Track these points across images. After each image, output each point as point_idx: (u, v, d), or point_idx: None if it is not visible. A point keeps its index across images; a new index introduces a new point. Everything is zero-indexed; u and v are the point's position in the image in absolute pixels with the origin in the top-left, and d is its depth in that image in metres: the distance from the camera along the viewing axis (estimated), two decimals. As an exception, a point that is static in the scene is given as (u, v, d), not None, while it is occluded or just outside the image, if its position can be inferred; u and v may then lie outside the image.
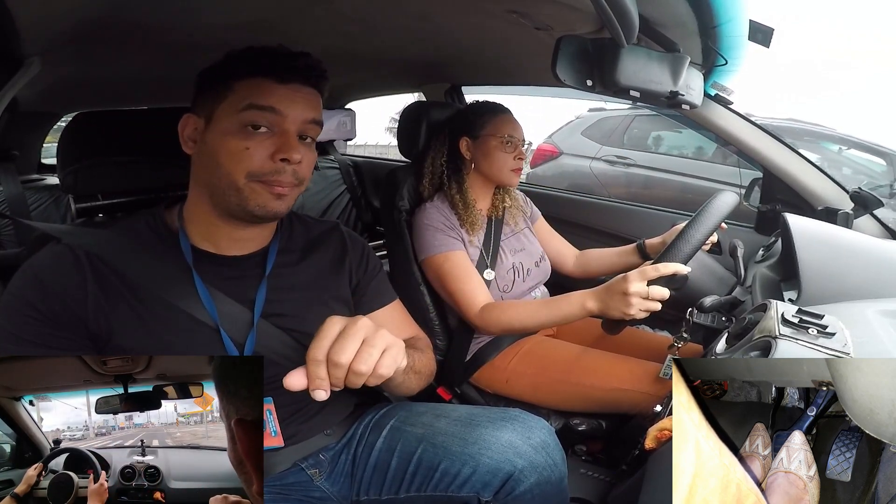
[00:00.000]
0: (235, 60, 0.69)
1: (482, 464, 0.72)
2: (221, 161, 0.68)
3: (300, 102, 0.70)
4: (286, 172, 0.68)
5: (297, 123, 0.69)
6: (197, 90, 0.72)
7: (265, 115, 0.67)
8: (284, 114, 0.68)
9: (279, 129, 0.68)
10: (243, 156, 0.67)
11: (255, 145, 0.67)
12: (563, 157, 4.32)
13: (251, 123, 0.67)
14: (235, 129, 0.67)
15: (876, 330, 0.66)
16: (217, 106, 0.69)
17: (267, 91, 0.67)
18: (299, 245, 0.83)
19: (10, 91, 0.70)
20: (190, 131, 0.72)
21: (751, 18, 0.96)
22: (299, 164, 0.69)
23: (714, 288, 1.26)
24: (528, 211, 1.38)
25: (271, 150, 0.68)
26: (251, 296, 0.75)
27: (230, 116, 0.68)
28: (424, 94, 1.93)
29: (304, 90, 0.70)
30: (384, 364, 0.57)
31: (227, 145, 0.67)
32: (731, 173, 3.40)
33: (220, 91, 0.69)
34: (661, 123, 4.03)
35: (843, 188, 1.26)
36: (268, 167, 0.68)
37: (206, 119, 0.70)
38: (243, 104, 0.67)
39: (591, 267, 1.38)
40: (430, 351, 0.89)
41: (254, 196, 0.68)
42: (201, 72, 0.72)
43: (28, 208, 1.67)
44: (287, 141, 0.68)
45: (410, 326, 0.93)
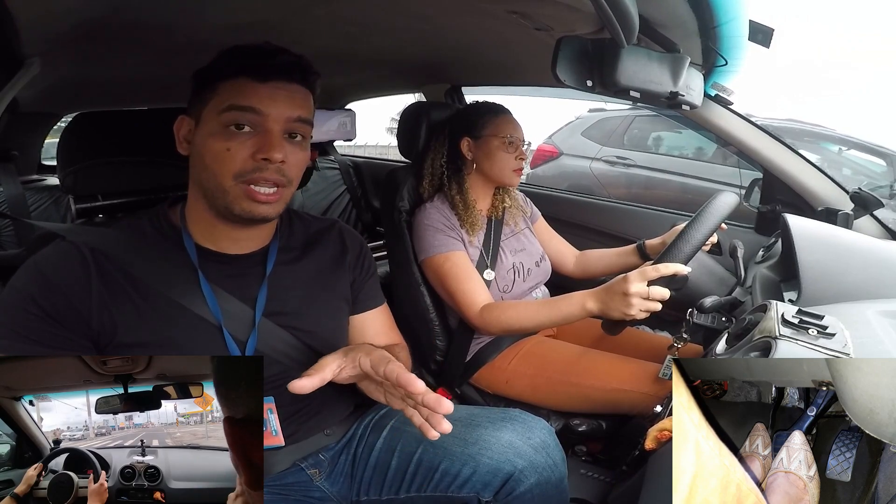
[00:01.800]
0: (220, 61, 0.70)
1: (482, 464, 0.72)
2: (208, 163, 0.68)
3: (282, 100, 0.69)
4: (269, 170, 0.68)
5: (280, 122, 0.68)
6: (192, 92, 0.73)
7: (246, 115, 0.67)
8: (265, 113, 0.67)
9: (262, 128, 0.68)
10: (226, 157, 0.67)
11: (236, 146, 0.67)
12: (563, 158, 4.31)
13: (234, 123, 0.67)
14: (218, 130, 0.68)
15: (876, 330, 0.66)
16: (203, 108, 0.69)
17: (248, 91, 0.67)
18: (299, 243, 0.83)
19: (10, 91, 0.70)
20: (185, 132, 0.73)
21: (751, 18, 0.96)
22: (283, 163, 0.68)
23: (714, 288, 1.27)
24: (528, 211, 1.38)
25: (253, 149, 0.67)
26: (253, 294, 0.75)
27: (214, 118, 0.68)
28: (424, 95, 1.93)
29: (287, 87, 0.69)
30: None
31: (211, 147, 0.68)
32: (731, 174, 3.40)
33: (205, 93, 0.69)
34: (662, 124, 4.03)
35: (843, 188, 1.26)
36: (249, 166, 0.67)
37: (196, 121, 0.71)
38: (224, 105, 0.67)
39: (591, 267, 1.38)
40: (407, 362, 0.86)
41: (239, 201, 0.68)
42: (194, 73, 0.73)
43: (28, 208, 1.67)
44: (269, 140, 0.67)
45: (393, 332, 0.92)
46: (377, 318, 0.90)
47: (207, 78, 0.70)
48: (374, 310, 0.89)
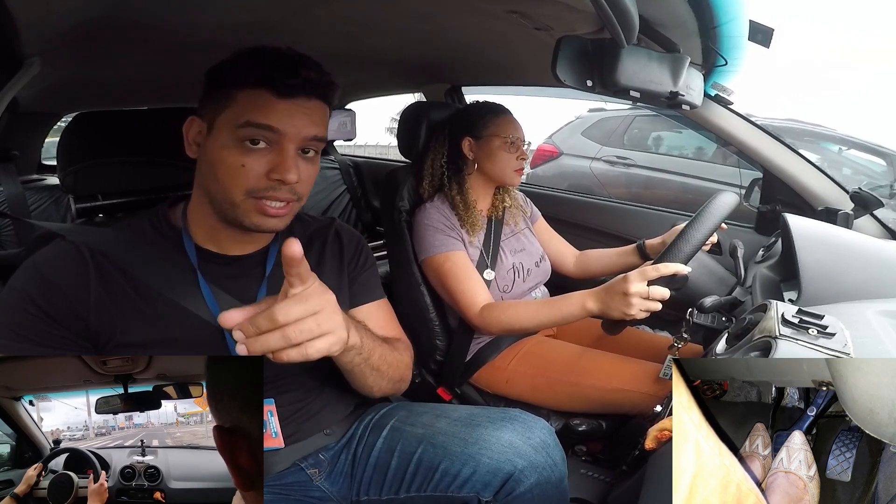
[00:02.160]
0: (239, 64, 0.68)
1: (482, 464, 0.72)
2: (220, 176, 0.68)
3: (301, 119, 0.68)
4: (282, 190, 0.68)
5: (296, 141, 0.68)
6: (203, 92, 0.71)
7: (263, 133, 0.66)
8: (283, 132, 0.67)
9: (277, 146, 0.67)
10: (240, 173, 0.66)
11: (251, 162, 0.66)
12: (563, 158, 4.31)
13: (249, 139, 0.66)
14: (233, 143, 0.67)
15: (876, 330, 0.66)
16: (218, 115, 0.68)
17: (266, 107, 0.66)
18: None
19: (10, 91, 0.70)
20: (194, 134, 0.71)
21: (751, 19, 0.96)
22: (297, 183, 0.68)
23: (714, 288, 1.26)
24: (528, 211, 1.38)
25: (268, 167, 0.67)
26: (252, 295, 0.75)
27: (229, 130, 0.67)
28: (424, 95, 1.93)
29: (307, 104, 0.68)
30: (315, 346, 0.54)
31: (225, 160, 0.67)
32: (731, 173, 3.39)
33: (221, 100, 0.68)
34: (662, 124, 4.03)
35: (843, 188, 1.26)
36: (263, 184, 0.67)
37: (208, 125, 0.70)
38: (242, 120, 0.66)
39: (591, 267, 1.38)
40: (405, 355, 0.85)
41: (249, 215, 0.68)
42: (208, 70, 0.71)
43: (28, 208, 1.67)
44: (284, 161, 0.67)
45: (394, 327, 0.91)
46: (375, 310, 0.89)
47: (223, 81, 0.68)
48: (371, 303, 0.89)
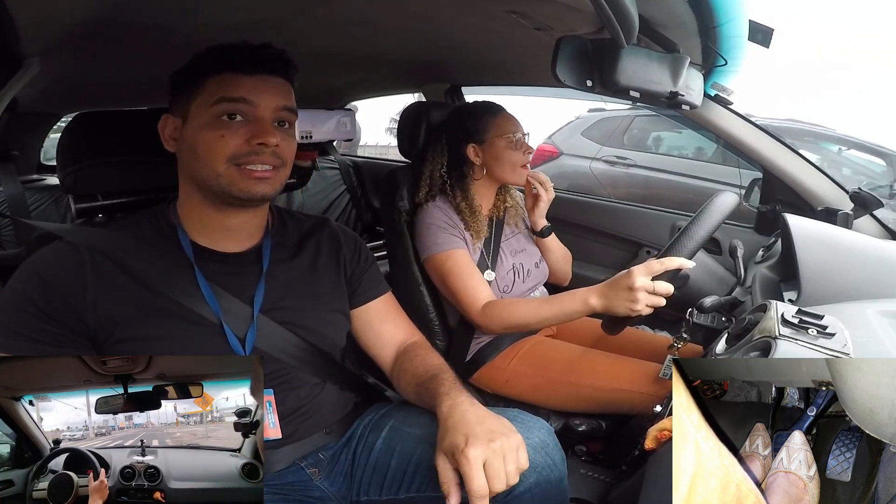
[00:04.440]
0: (202, 60, 0.72)
1: (482, 464, 0.72)
2: (201, 153, 0.70)
3: (269, 91, 0.71)
4: (265, 153, 0.70)
5: (269, 111, 0.71)
6: (171, 92, 0.75)
7: (237, 106, 0.70)
8: (255, 102, 0.70)
9: (253, 116, 0.70)
10: (220, 143, 0.69)
11: (230, 133, 0.69)
12: (563, 158, 4.31)
13: (225, 114, 0.69)
14: (210, 121, 0.70)
15: (876, 330, 0.66)
16: (191, 104, 0.71)
17: (236, 83, 0.70)
18: (293, 241, 0.84)
19: (10, 91, 0.70)
20: (171, 130, 0.74)
21: (751, 18, 0.96)
22: (278, 147, 0.71)
23: (714, 288, 1.26)
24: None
25: (247, 136, 0.70)
26: (250, 292, 0.75)
27: (204, 111, 0.70)
28: (424, 95, 1.93)
29: (271, 80, 0.72)
30: (512, 475, 0.63)
31: (204, 137, 0.70)
32: (731, 173, 3.39)
33: (191, 90, 0.71)
34: (661, 124, 4.03)
35: (843, 188, 1.26)
36: (244, 150, 0.69)
37: (182, 118, 0.72)
38: (215, 98, 0.69)
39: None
40: (436, 357, 0.86)
41: (235, 181, 0.70)
42: (172, 74, 0.74)
43: (28, 208, 1.67)
44: (262, 126, 0.70)
45: (403, 320, 0.92)
46: (383, 305, 0.90)
47: (190, 76, 0.72)
48: (377, 299, 0.90)
